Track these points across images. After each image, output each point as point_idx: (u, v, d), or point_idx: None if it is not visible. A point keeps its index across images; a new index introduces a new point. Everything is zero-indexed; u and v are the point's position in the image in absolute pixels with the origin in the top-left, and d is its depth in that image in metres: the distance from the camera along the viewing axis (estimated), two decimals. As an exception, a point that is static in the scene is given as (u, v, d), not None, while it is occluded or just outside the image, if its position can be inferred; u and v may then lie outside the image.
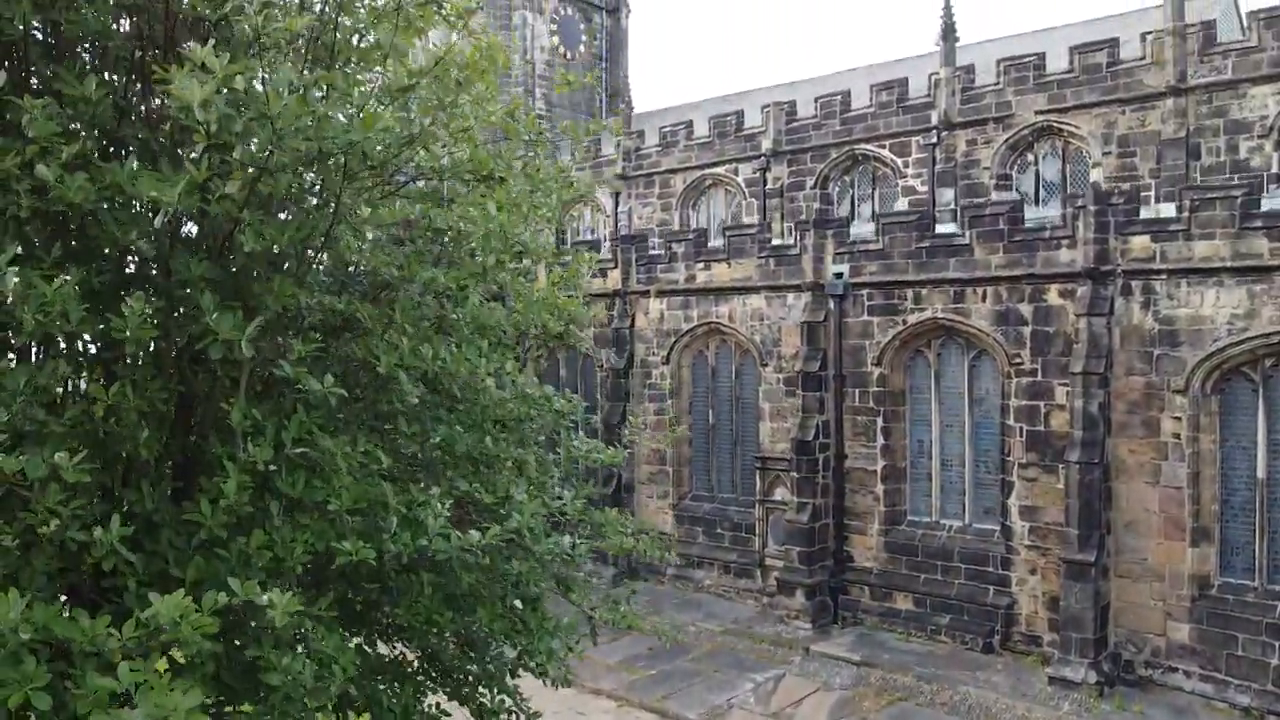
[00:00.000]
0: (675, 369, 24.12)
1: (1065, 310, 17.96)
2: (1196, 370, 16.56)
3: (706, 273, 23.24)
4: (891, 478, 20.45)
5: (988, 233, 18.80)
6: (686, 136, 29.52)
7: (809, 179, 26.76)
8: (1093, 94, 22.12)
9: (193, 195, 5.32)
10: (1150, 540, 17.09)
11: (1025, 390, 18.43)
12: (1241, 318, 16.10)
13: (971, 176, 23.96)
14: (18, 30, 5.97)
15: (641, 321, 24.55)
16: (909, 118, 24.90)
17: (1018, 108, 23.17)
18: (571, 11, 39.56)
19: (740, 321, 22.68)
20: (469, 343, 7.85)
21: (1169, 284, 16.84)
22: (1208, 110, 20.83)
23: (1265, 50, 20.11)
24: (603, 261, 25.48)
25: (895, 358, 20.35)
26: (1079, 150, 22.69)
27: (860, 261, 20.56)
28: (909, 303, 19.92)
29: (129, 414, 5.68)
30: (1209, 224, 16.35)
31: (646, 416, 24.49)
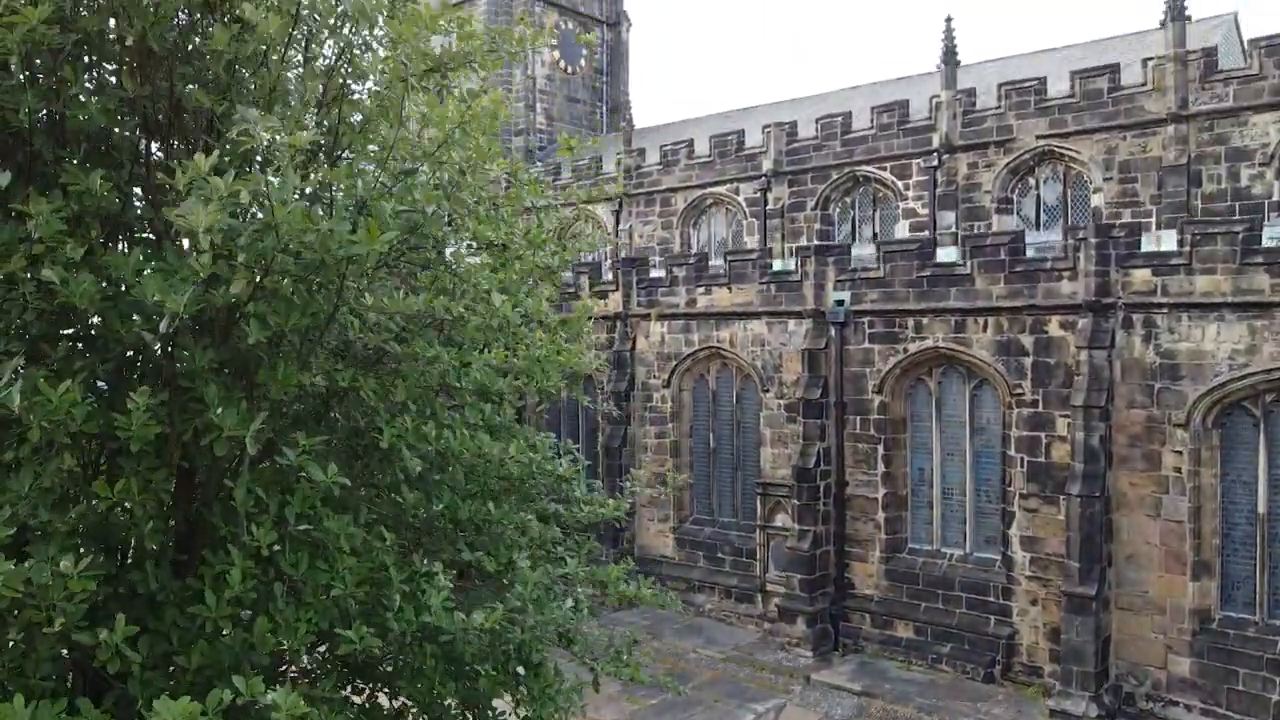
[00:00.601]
0: (676, 392, 24.12)
1: (1066, 342, 17.97)
2: (1197, 405, 16.57)
3: (707, 297, 23.25)
4: (892, 505, 20.46)
5: (989, 263, 18.81)
6: (687, 155, 29.52)
7: (810, 200, 26.77)
8: (1094, 119, 22.12)
9: (199, 301, 5.33)
10: (1151, 573, 17.10)
11: (1026, 421, 18.44)
12: (1242, 353, 16.11)
13: (972, 200, 23.97)
14: (22, 121, 5.99)
15: (642, 344, 24.55)
16: (910, 140, 24.90)
17: (1019, 132, 23.18)
18: (572, 26, 39.56)
19: (741, 346, 22.69)
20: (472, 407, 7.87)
21: (1170, 318, 16.85)
22: (1209, 137, 20.84)
23: (1266, 78, 20.12)
24: (604, 284, 25.50)
25: (896, 386, 20.35)
26: (1080, 175, 22.70)
27: (861, 289, 20.56)
28: (910, 331, 19.92)
29: (134, 509, 5.70)
30: (1210, 258, 16.36)
31: (647, 439, 24.52)
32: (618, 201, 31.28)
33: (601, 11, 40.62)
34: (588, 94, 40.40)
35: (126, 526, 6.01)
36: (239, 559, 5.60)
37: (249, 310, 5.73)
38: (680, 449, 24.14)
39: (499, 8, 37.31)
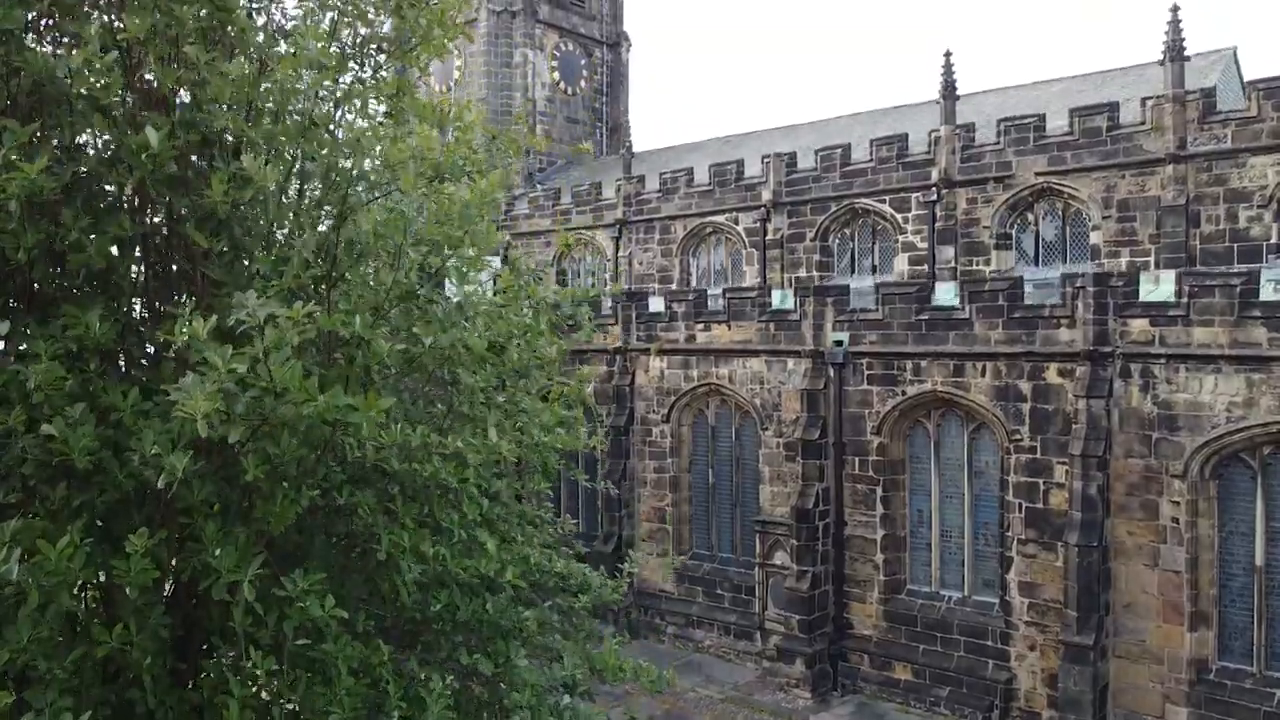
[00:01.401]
0: (676, 427, 24.16)
1: (1064, 389, 18.00)
2: (1195, 456, 16.61)
3: (707, 334, 23.29)
4: (891, 546, 20.49)
5: (987, 308, 18.84)
6: (687, 183, 29.53)
7: (809, 231, 26.79)
8: (1092, 157, 22.14)
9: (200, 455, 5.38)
10: (1149, 622, 17.13)
11: (1024, 467, 18.47)
12: (1240, 405, 16.14)
13: (972, 235, 23.98)
14: (21, 258, 6.03)
15: (642, 379, 24.59)
16: (909, 174, 24.91)
17: (1018, 168, 23.19)
18: (572, 47, 39.58)
19: (740, 384, 22.73)
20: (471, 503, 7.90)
21: (1168, 368, 16.88)
22: (1207, 178, 20.85)
23: (1265, 121, 20.13)
24: (603, 318, 25.52)
25: (895, 427, 20.39)
26: (1079, 212, 22.71)
27: (860, 330, 20.60)
28: (908, 374, 19.96)
29: (133, 651, 5.75)
30: (1208, 310, 16.38)
31: (647, 473, 24.55)
32: (617, 228, 31.29)
33: (601, 32, 40.64)
34: (587, 114, 40.43)
35: (126, 665, 6.05)
36: (236, 689, 5.65)
37: (247, 447, 5.78)
38: (680, 484, 24.17)
39: (499, 31, 37.36)
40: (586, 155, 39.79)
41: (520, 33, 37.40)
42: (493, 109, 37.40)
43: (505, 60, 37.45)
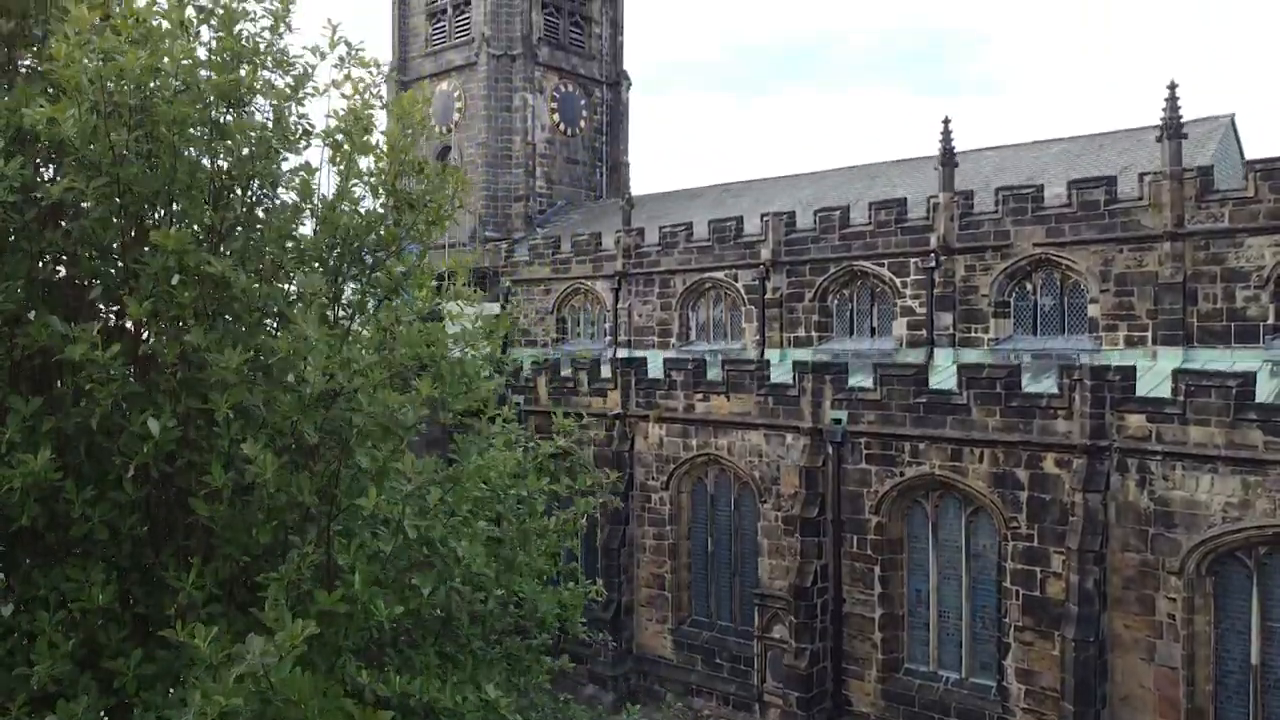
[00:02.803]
0: (675, 494, 24.25)
1: (1061, 480, 18.09)
2: (1191, 553, 16.70)
3: (705, 403, 23.37)
4: (889, 625, 20.58)
5: (985, 395, 18.93)
6: (686, 238, 29.56)
7: (808, 291, 26.83)
8: (1090, 230, 22.16)
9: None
10: (1146, 716, 17.23)
11: (1022, 554, 18.55)
12: (1236, 507, 16.22)
13: (970, 302, 24.02)
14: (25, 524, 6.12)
15: (641, 445, 24.67)
16: (907, 238, 24.94)
17: (1016, 238, 23.22)
18: (572, 88, 39.59)
19: (739, 455, 22.81)
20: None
21: (1164, 465, 16.97)
22: (1205, 256, 20.89)
23: (1262, 202, 20.16)
24: (602, 381, 25.62)
25: (893, 507, 20.47)
26: (1077, 284, 22.74)
27: (859, 409, 20.68)
28: (906, 455, 20.04)
29: None
30: (1204, 410, 16.46)
31: (646, 539, 24.64)
32: (617, 280, 31.34)
33: (601, 72, 40.65)
34: (587, 154, 40.45)
35: None
36: None
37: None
38: (679, 551, 24.25)
39: (499, 75, 37.39)
40: (585, 197, 39.84)
41: (520, 76, 37.43)
42: (492, 152, 37.48)
43: (505, 104, 37.49)
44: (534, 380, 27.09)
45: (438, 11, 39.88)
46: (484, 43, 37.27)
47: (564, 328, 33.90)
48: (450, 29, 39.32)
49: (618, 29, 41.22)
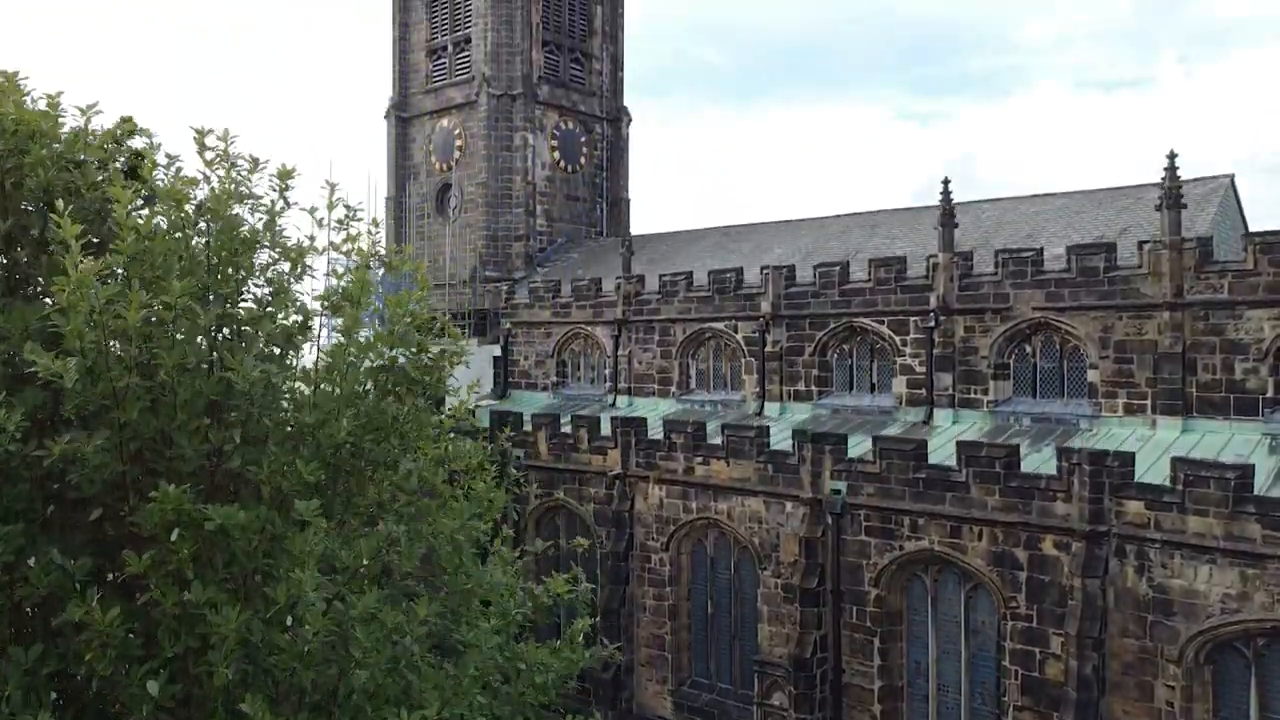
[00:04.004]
0: (675, 555, 24.29)
1: (1060, 562, 18.13)
2: (1190, 642, 16.72)
3: (705, 467, 23.41)
4: (889, 697, 20.61)
5: (983, 473, 18.97)
6: (686, 287, 29.56)
7: (808, 345, 26.84)
8: (1090, 296, 22.17)
9: None
10: (1144, 802, 17.25)
11: (1021, 634, 18.59)
12: (1234, 598, 16.26)
13: (970, 363, 24.03)
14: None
15: (641, 505, 24.71)
16: (907, 297, 24.95)
17: (1015, 301, 23.23)
18: (572, 125, 39.60)
19: (739, 521, 22.85)
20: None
21: (1163, 553, 17.00)
22: (1204, 327, 20.89)
23: (1261, 275, 20.16)
24: (602, 439, 25.66)
25: (893, 580, 20.52)
26: (1076, 348, 22.75)
27: (859, 481, 20.72)
28: (906, 529, 20.08)
29: None
30: (1203, 500, 16.49)
31: (646, 600, 24.68)
32: (617, 327, 31.35)
33: (602, 108, 40.66)
34: (587, 190, 40.46)
35: None
36: None
37: None
38: (679, 612, 24.30)
39: (499, 114, 37.41)
40: (586, 234, 39.86)
41: (520, 116, 37.45)
42: (492, 192, 37.49)
43: (505, 143, 37.51)
44: (534, 435, 27.12)
45: (438, 49, 39.89)
46: (484, 82, 37.29)
47: (564, 371, 33.92)
48: (451, 66, 39.33)
49: (618, 65, 41.23)
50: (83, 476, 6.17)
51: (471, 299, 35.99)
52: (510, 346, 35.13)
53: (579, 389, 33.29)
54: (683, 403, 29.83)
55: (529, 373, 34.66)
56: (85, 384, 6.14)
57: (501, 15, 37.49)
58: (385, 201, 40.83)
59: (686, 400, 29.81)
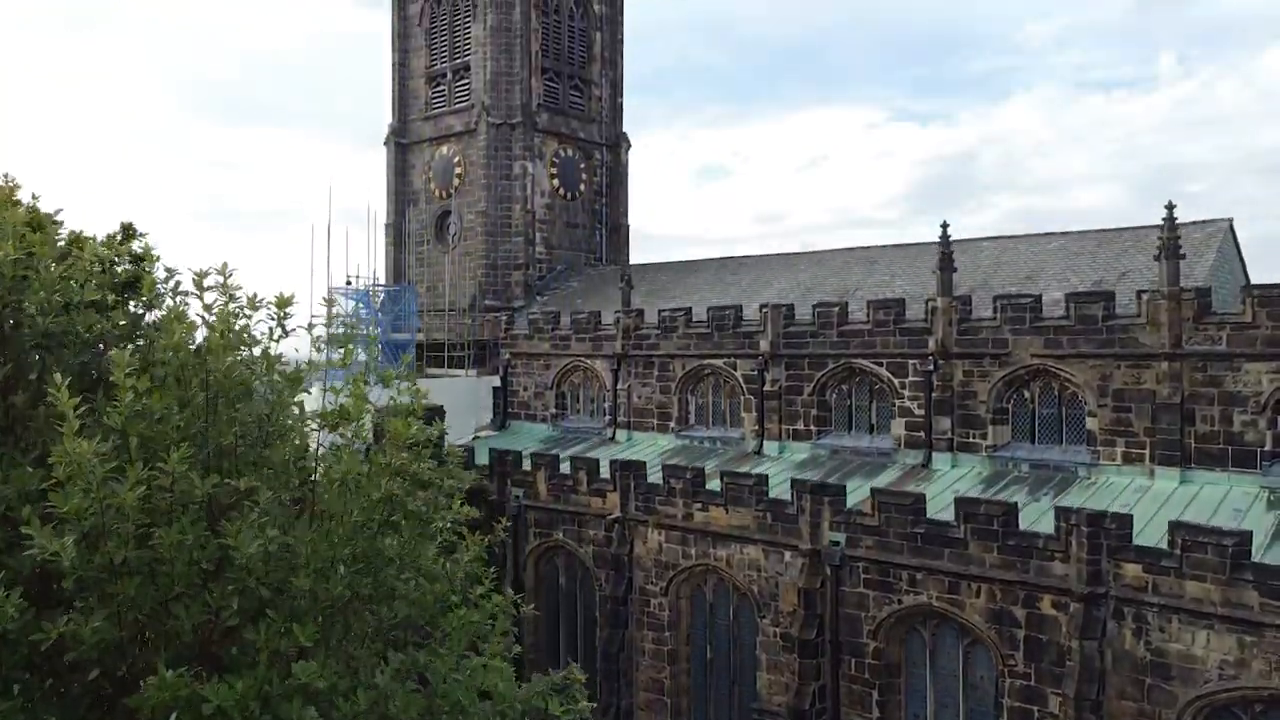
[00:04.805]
0: (674, 600, 24.31)
1: (1058, 622, 18.15)
2: (1188, 706, 16.74)
3: (704, 513, 23.43)
4: (887, 749, 20.63)
5: (982, 531, 18.99)
6: (685, 323, 29.58)
7: (807, 385, 26.85)
8: (1088, 344, 22.18)
9: None
10: None
11: (1019, 692, 18.61)
12: (1232, 665, 16.27)
13: (968, 408, 24.04)
14: None
15: (640, 549, 24.73)
16: (905, 340, 24.97)
17: (1014, 347, 23.24)
18: (572, 152, 39.60)
19: (737, 568, 22.88)
20: None
21: (1161, 617, 17.01)
22: (1202, 378, 20.91)
23: (1260, 328, 20.18)
24: (601, 482, 25.68)
25: (891, 632, 20.53)
26: (1075, 395, 22.77)
27: (857, 534, 20.74)
28: (904, 583, 20.10)
29: None
30: (1200, 566, 16.51)
31: (645, 643, 24.70)
32: (616, 361, 31.37)
33: (601, 134, 40.66)
34: (587, 217, 40.48)
35: None
36: None
37: None
38: (678, 656, 24.31)
39: (498, 143, 37.43)
40: (585, 260, 39.89)
41: (520, 145, 37.46)
42: (492, 221, 37.53)
43: (504, 172, 37.53)
44: (534, 475, 27.14)
45: (437, 75, 39.93)
46: (484, 111, 37.31)
47: (563, 403, 33.94)
48: (450, 94, 39.37)
49: (617, 90, 41.26)
50: (81, 653, 6.18)
51: (471, 328, 36.01)
52: (510, 377, 35.16)
53: (578, 421, 33.32)
54: (682, 438, 29.85)
55: (528, 404, 34.69)
56: (83, 556, 6.16)
57: (501, 44, 37.52)
58: (385, 228, 40.88)
59: (686, 436, 29.82)
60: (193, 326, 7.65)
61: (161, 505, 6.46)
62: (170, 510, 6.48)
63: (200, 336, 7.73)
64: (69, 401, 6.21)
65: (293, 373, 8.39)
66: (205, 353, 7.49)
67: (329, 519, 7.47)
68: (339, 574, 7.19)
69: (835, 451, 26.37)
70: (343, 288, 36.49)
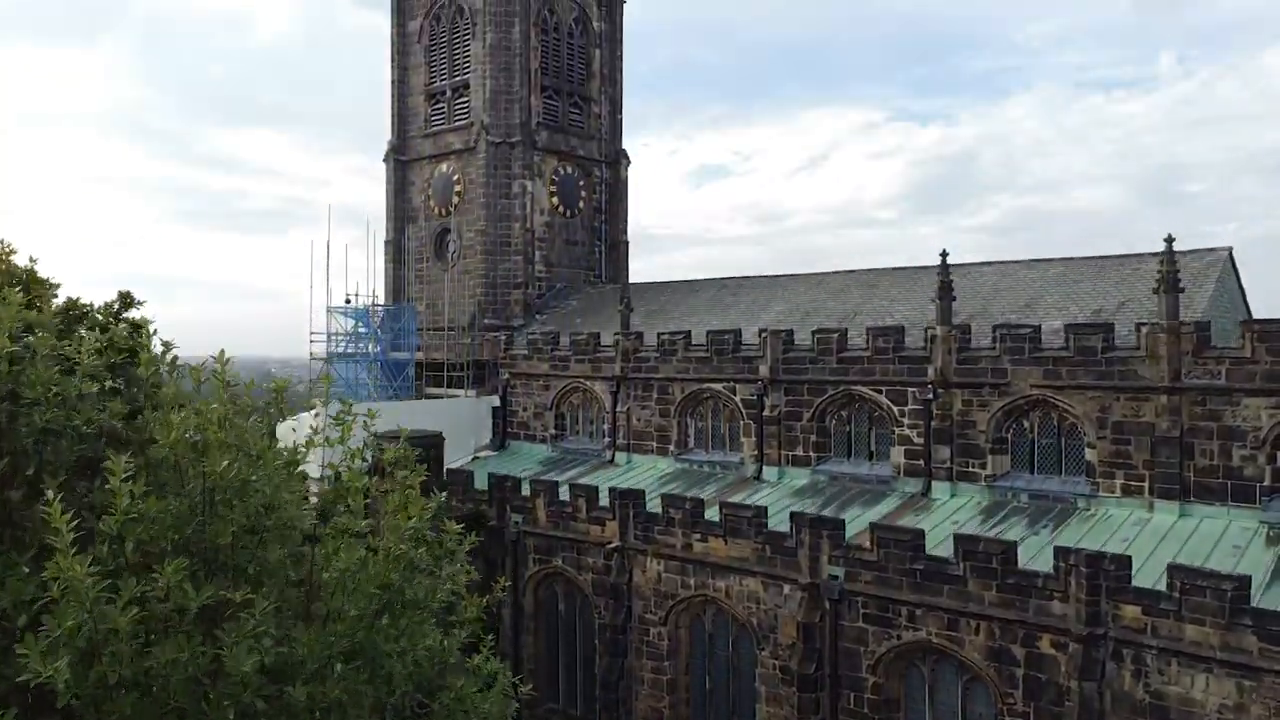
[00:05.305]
0: (673, 630, 24.30)
1: (1057, 661, 18.15)
2: (1187, 750, 16.72)
3: (703, 544, 23.42)
4: (887, 784, 20.62)
5: (981, 568, 18.98)
6: (685, 346, 29.55)
7: (806, 411, 26.83)
8: (1087, 376, 22.17)
9: None
10: None
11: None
12: (1231, 710, 16.25)
13: (968, 437, 24.03)
14: None
15: (640, 578, 24.72)
16: (905, 368, 24.95)
17: (1014, 377, 23.23)
18: (571, 169, 39.57)
19: (737, 600, 22.87)
20: None
21: (1160, 659, 17.01)
22: (1202, 412, 20.89)
23: (1259, 363, 20.16)
24: (600, 510, 25.67)
25: (891, 668, 20.52)
26: (1074, 426, 22.76)
27: (857, 568, 20.73)
28: (903, 619, 20.10)
29: None
30: (1199, 609, 16.50)
31: (644, 673, 24.69)
32: (615, 384, 31.36)
33: (601, 151, 40.63)
34: (586, 234, 40.44)
35: None
36: None
37: None
38: (677, 686, 24.31)
39: (498, 162, 37.41)
40: (584, 278, 39.88)
41: (519, 164, 37.43)
42: (491, 240, 37.50)
43: (504, 191, 37.50)
44: (533, 501, 27.13)
45: (437, 93, 39.89)
46: (483, 130, 37.29)
47: (563, 424, 33.91)
48: (449, 111, 39.34)
49: (616, 107, 41.24)
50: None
51: (470, 348, 36.00)
52: (509, 397, 35.13)
53: (578, 442, 33.30)
54: (681, 461, 29.85)
55: (527, 424, 34.67)
56: (78, 675, 6.15)
57: (500, 62, 37.50)
58: (384, 244, 40.86)
59: (685, 460, 29.82)
60: (189, 418, 7.63)
61: (156, 614, 6.44)
62: (167, 620, 6.47)
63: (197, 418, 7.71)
64: (61, 519, 6.19)
65: (289, 458, 8.40)
66: (203, 449, 7.48)
67: (327, 617, 7.47)
68: (335, 674, 7.19)
69: (835, 478, 26.36)
70: (342, 306, 36.53)
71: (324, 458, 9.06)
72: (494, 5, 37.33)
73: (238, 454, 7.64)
